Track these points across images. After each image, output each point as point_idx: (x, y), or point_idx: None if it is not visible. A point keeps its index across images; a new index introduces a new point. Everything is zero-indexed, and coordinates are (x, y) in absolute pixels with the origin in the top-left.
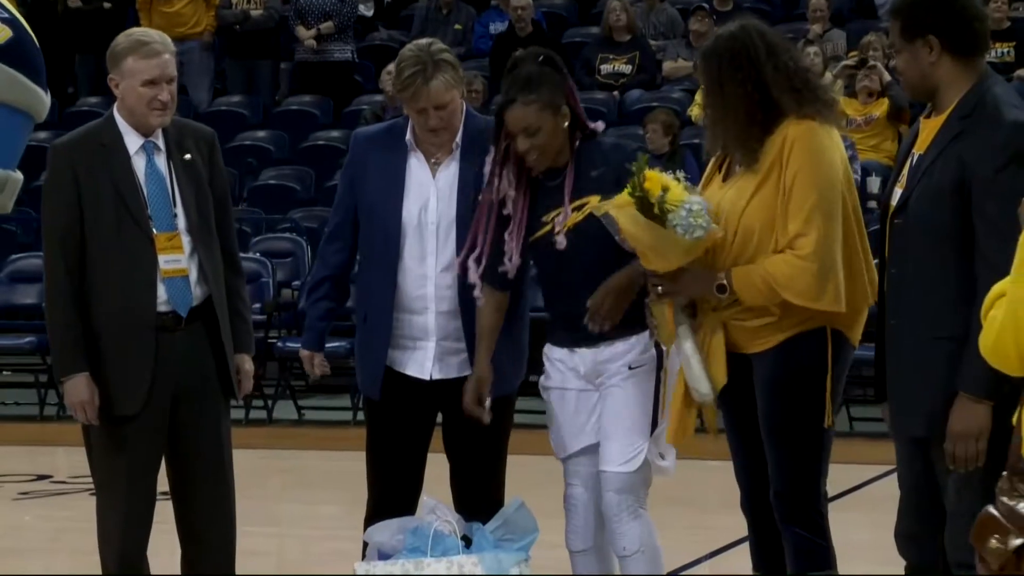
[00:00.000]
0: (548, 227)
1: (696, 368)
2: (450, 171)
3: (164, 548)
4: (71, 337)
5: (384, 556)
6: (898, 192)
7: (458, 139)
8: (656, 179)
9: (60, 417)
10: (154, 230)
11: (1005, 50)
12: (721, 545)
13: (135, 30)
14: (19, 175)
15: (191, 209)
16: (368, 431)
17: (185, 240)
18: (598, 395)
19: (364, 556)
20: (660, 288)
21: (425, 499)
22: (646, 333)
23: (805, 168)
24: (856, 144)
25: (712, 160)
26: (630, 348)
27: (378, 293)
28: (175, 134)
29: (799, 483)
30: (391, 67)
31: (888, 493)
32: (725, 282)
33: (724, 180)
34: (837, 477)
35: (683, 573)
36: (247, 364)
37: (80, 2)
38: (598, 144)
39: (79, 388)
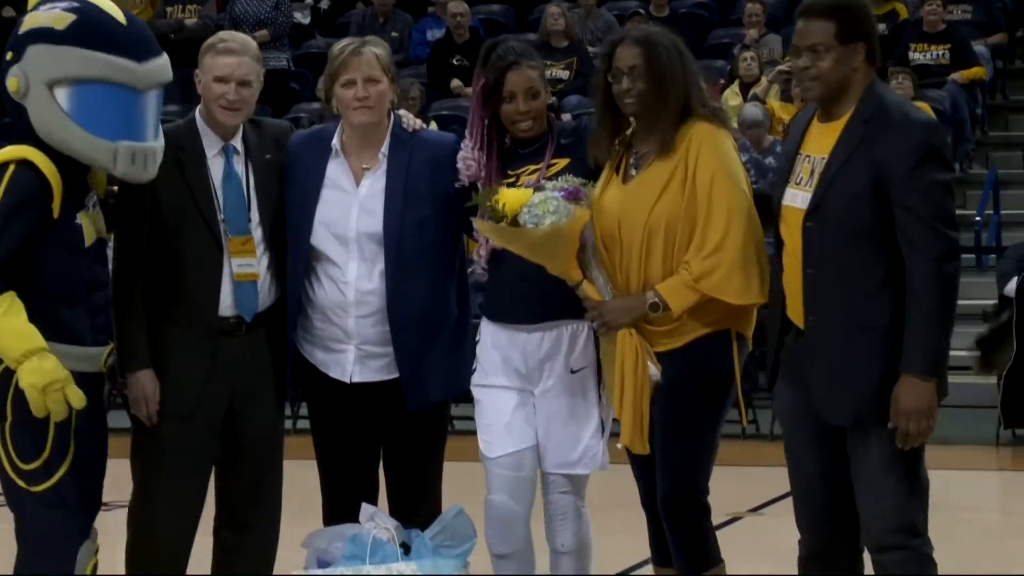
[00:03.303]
0: (512, 179)
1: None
2: (376, 180)
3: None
4: (137, 333)
5: (323, 564)
6: (798, 194)
7: (384, 149)
8: (512, 197)
9: None
10: (228, 234)
11: (940, 52)
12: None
13: (224, 31)
14: (134, 143)
15: (268, 211)
16: (312, 436)
17: (259, 243)
18: (534, 396)
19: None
20: (595, 324)
21: (364, 506)
22: (588, 325)
23: (720, 171)
24: None
25: (607, 164)
26: (572, 339)
27: (293, 294)
28: (255, 134)
29: (689, 485)
30: None
31: None
32: (657, 300)
33: (624, 182)
34: (772, 478)
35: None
36: None
37: (13, 11)
38: (560, 120)
39: (143, 383)
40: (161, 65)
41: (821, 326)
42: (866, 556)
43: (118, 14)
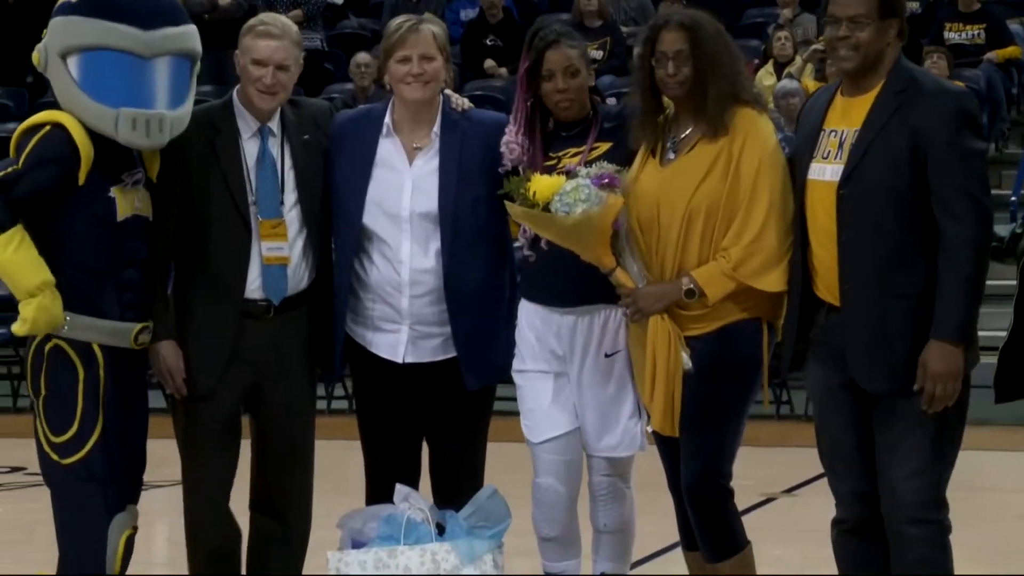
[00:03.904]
0: (554, 162)
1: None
2: (429, 159)
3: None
4: (160, 308)
5: (357, 544)
6: (827, 168)
7: (436, 128)
8: (544, 185)
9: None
10: (259, 216)
11: (976, 32)
12: None
13: (265, 13)
14: (136, 109)
15: (305, 193)
16: (357, 417)
17: (292, 226)
18: (573, 379)
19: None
20: (629, 312)
21: (398, 486)
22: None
23: (765, 159)
24: None
25: (643, 146)
26: (606, 323)
27: (342, 274)
28: (293, 116)
29: (714, 469)
30: (361, 57)
31: None
32: (693, 286)
33: (662, 164)
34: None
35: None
36: None
37: None
38: (605, 104)
39: (165, 354)
40: (173, 34)
41: (857, 294)
42: None
43: None
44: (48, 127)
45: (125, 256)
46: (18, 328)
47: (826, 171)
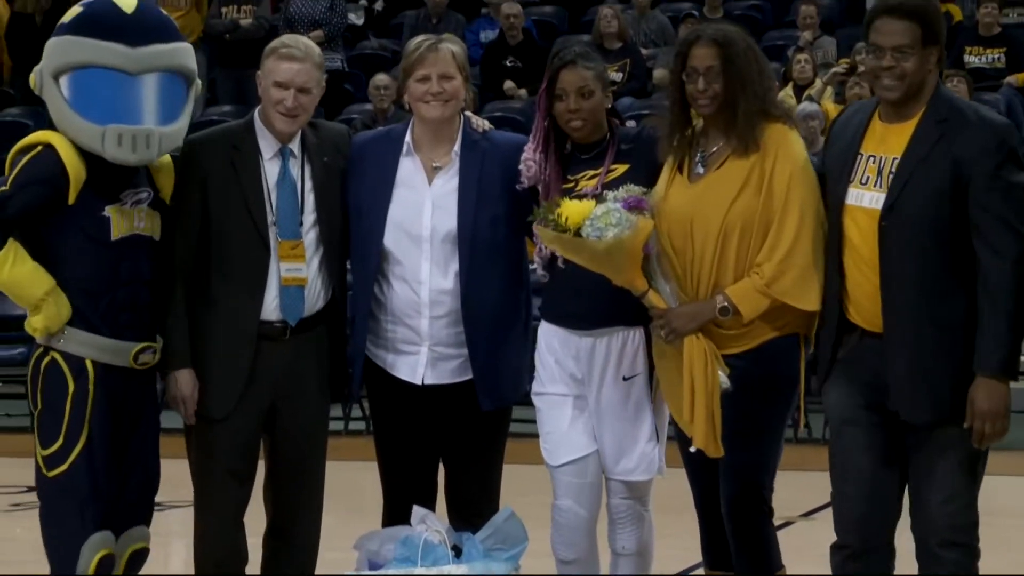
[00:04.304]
0: (571, 184)
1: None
2: (449, 178)
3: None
4: (179, 333)
5: (374, 566)
6: (866, 194)
7: (456, 147)
8: (574, 210)
9: None
10: (278, 237)
11: (996, 55)
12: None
13: (288, 35)
14: (123, 125)
15: (323, 215)
16: (375, 438)
17: (310, 248)
18: (591, 402)
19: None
20: (663, 332)
21: (415, 508)
22: (640, 332)
23: (796, 174)
24: None
25: (668, 161)
26: (623, 346)
27: (361, 295)
28: (314, 138)
29: (756, 486)
30: (380, 79)
31: None
32: (727, 304)
33: (691, 180)
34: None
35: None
36: None
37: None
38: (623, 126)
39: (181, 382)
40: (161, 51)
41: (899, 324)
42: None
43: (127, 4)
44: (39, 148)
45: (122, 276)
46: (34, 333)
47: (864, 197)
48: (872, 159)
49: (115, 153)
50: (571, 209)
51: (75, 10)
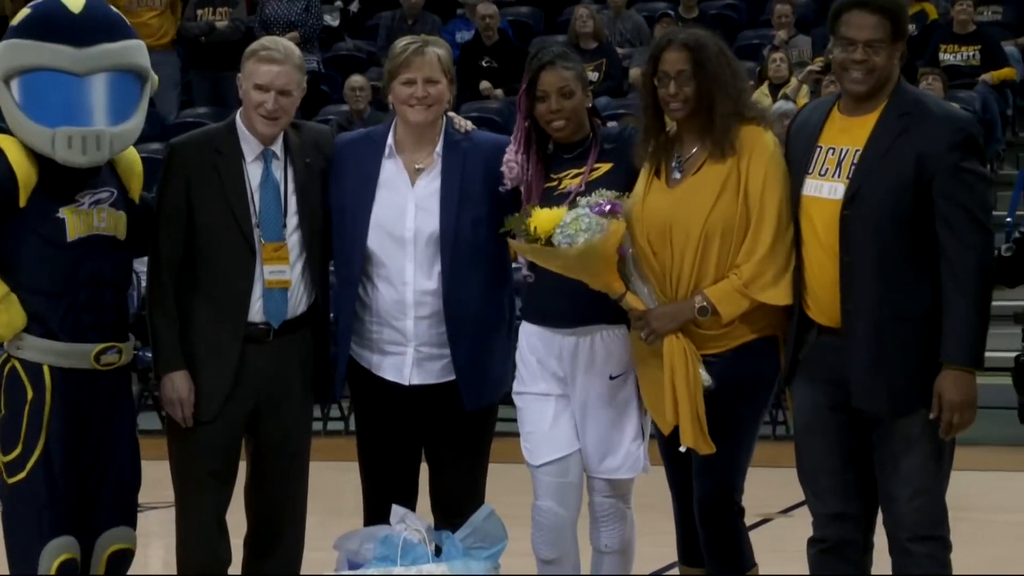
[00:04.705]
0: (555, 183)
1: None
2: (431, 180)
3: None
4: (171, 335)
5: (354, 565)
6: (825, 185)
7: (439, 148)
8: (544, 219)
9: None
10: (262, 240)
11: (971, 53)
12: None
13: (267, 38)
14: (72, 127)
15: (306, 217)
16: (357, 438)
17: (293, 250)
18: (574, 401)
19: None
20: (643, 334)
21: (395, 507)
22: (624, 330)
23: (771, 175)
24: None
25: (645, 167)
26: (608, 345)
27: (345, 297)
28: (296, 139)
29: (727, 486)
30: (355, 80)
31: None
32: (706, 304)
33: (669, 185)
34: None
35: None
36: None
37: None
38: (605, 127)
39: (177, 384)
40: (110, 50)
41: (858, 315)
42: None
43: (75, 4)
44: None
45: (82, 277)
46: None
47: (823, 188)
48: (832, 151)
49: (65, 155)
50: (541, 218)
51: (23, 12)
